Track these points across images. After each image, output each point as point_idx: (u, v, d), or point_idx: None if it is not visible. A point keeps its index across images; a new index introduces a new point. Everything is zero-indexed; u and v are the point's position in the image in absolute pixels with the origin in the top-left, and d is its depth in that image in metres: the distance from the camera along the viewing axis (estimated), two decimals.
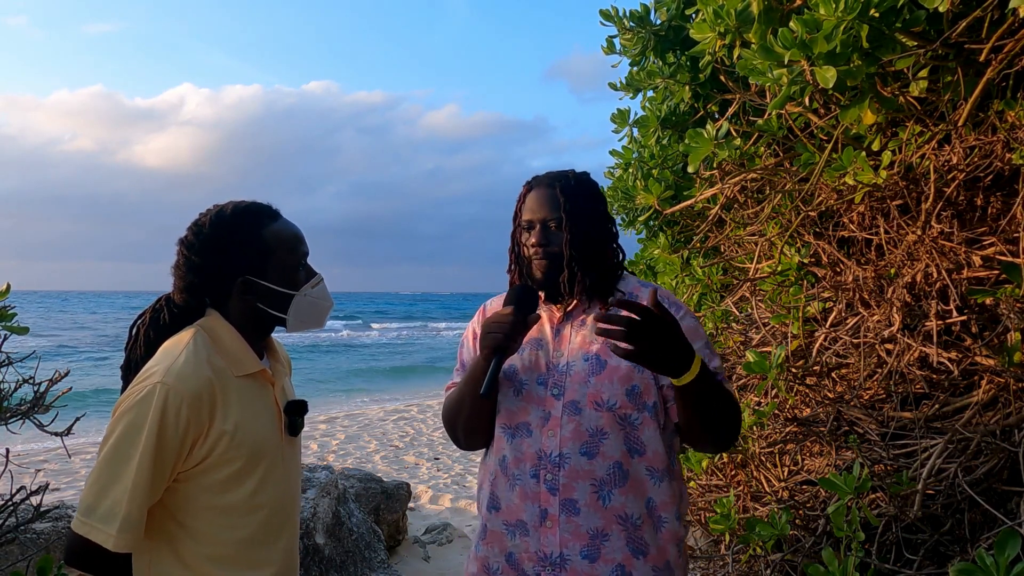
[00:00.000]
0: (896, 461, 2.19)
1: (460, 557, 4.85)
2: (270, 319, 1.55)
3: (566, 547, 1.53)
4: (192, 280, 1.51)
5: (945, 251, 2.31)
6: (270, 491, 1.52)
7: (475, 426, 1.67)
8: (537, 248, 1.61)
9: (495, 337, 1.53)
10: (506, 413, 1.64)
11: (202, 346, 1.46)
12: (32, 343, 2.53)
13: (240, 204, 1.55)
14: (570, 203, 1.61)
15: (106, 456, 1.35)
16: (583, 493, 1.54)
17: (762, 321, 2.96)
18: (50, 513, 2.99)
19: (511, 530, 1.60)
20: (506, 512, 1.61)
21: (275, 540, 1.54)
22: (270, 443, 1.53)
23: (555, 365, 1.61)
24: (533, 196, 1.66)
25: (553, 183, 1.64)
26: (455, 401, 1.69)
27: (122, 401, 1.40)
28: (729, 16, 2.22)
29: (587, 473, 1.54)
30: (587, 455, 1.54)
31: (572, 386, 1.58)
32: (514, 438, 1.61)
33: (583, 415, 1.55)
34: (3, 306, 2.23)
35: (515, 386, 1.63)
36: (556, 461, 1.55)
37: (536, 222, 1.63)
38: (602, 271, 1.64)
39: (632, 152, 3.55)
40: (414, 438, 9.62)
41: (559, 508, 1.54)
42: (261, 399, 1.54)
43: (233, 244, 1.50)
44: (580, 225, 1.60)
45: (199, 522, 1.44)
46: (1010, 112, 2.09)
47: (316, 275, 1.59)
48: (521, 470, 1.59)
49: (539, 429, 1.58)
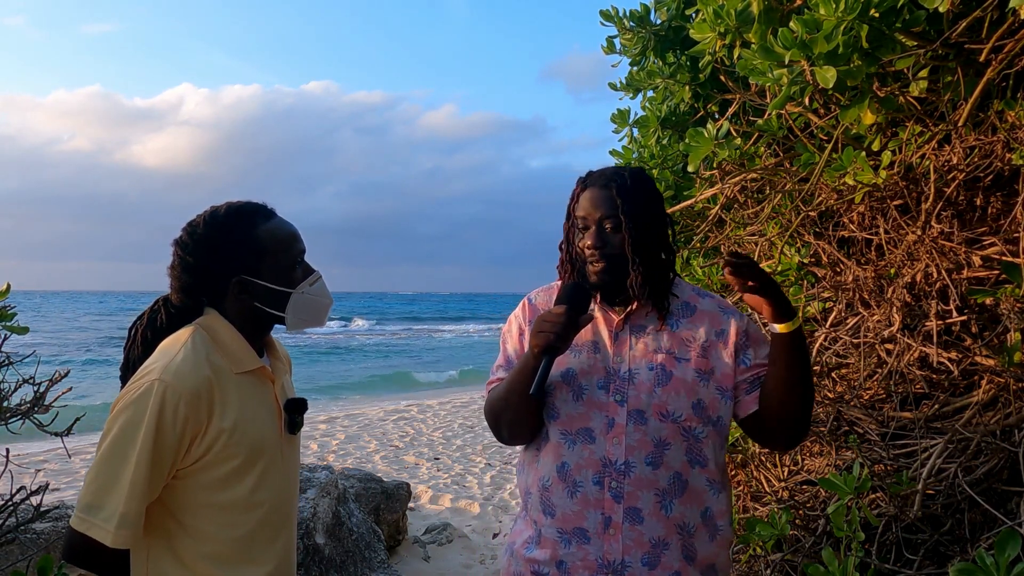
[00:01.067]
0: (896, 461, 2.19)
1: (460, 557, 4.84)
2: (268, 318, 1.55)
3: (628, 554, 1.52)
4: (188, 281, 1.50)
5: (945, 251, 2.31)
6: (269, 489, 1.52)
7: (520, 422, 1.64)
8: (593, 251, 1.58)
9: (546, 336, 1.50)
10: (566, 418, 1.59)
11: (200, 344, 1.46)
12: (30, 342, 2.52)
13: (234, 204, 1.55)
14: (628, 204, 1.57)
15: (104, 453, 1.35)
16: (647, 502, 1.53)
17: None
18: (50, 513, 2.99)
19: (566, 538, 1.57)
20: (561, 519, 1.58)
21: (273, 538, 1.54)
22: (269, 441, 1.53)
23: (616, 371, 1.59)
24: (587, 195, 1.61)
25: (609, 183, 1.59)
26: (501, 397, 1.64)
27: (120, 398, 1.40)
28: (729, 16, 2.22)
29: (651, 483, 1.53)
30: (652, 465, 1.54)
31: (636, 394, 1.56)
32: (575, 444, 1.58)
33: (649, 425, 1.54)
34: (3, 306, 2.23)
35: (574, 390, 1.60)
36: (622, 469, 1.54)
37: (591, 223, 1.59)
38: (658, 274, 1.62)
39: (632, 152, 3.55)
40: (414, 438, 9.62)
41: (623, 516, 1.53)
42: (260, 397, 1.54)
43: (227, 244, 1.50)
44: (640, 227, 1.57)
45: (197, 520, 1.44)
46: (1010, 112, 2.09)
47: (314, 272, 1.58)
48: (583, 476, 1.56)
49: (603, 436, 1.56)
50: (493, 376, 1.76)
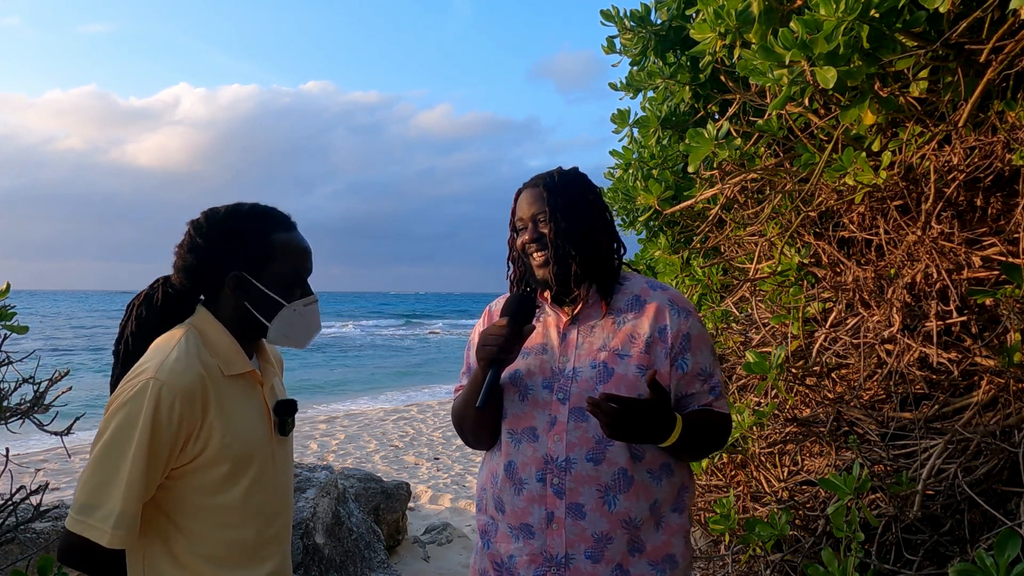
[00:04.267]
0: (896, 461, 2.19)
1: (460, 557, 4.84)
2: (254, 324, 1.53)
3: (571, 548, 1.55)
4: (192, 262, 1.50)
5: (945, 251, 2.31)
6: (262, 491, 1.52)
7: (479, 430, 1.70)
8: (530, 244, 1.63)
9: (489, 350, 1.56)
10: (512, 418, 1.64)
11: (193, 344, 1.46)
12: (30, 342, 2.53)
13: (260, 206, 1.56)
14: (553, 197, 1.63)
15: (100, 453, 1.35)
16: (589, 498, 1.55)
17: (762, 321, 2.96)
18: (50, 512, 2.99)
19: (515, 533, 1.61)
20: (511, 516, 1.62)
21: (268, 540, 1.54)
22: (261, 444, 1.53)
23: (561, 370, 1.62)
24: (522, 198, 1.68)
25: (538, 182, 1.67)
26: (459, 406, 1.72)
27: (115, 398, 1.39)
28: (729, 16, 2.22)
29: (593, 479, 1.55)
30: (593, 461, 1.55)
31: (578, 392, 1.58)
32: (520, 443, 1.62)
33: (590, 421, 1.56)
34: (2, 305, 2.23)
35: (520, 391, 1.64)
36: (563, 465, 1.56)
37: (527, 221, 1.65)
38: (600, 265, 1.65)
39: (632, 152, 3.55)
40: (414, 438, 9.62)
41: (565, 511, 1.55)
42: (251, 399, 1.54)
43: (240, 237, 1.50)
44: (565, 217, 1.61)
45: (192, 522, 1.44)
46: (1010, 113, 2.09)
47: (312, 295, 1.59)
48: (528, 474, 1.59)
49: (545, 434, 1.59)
50: (459, 383, 1.81)
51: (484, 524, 1.71)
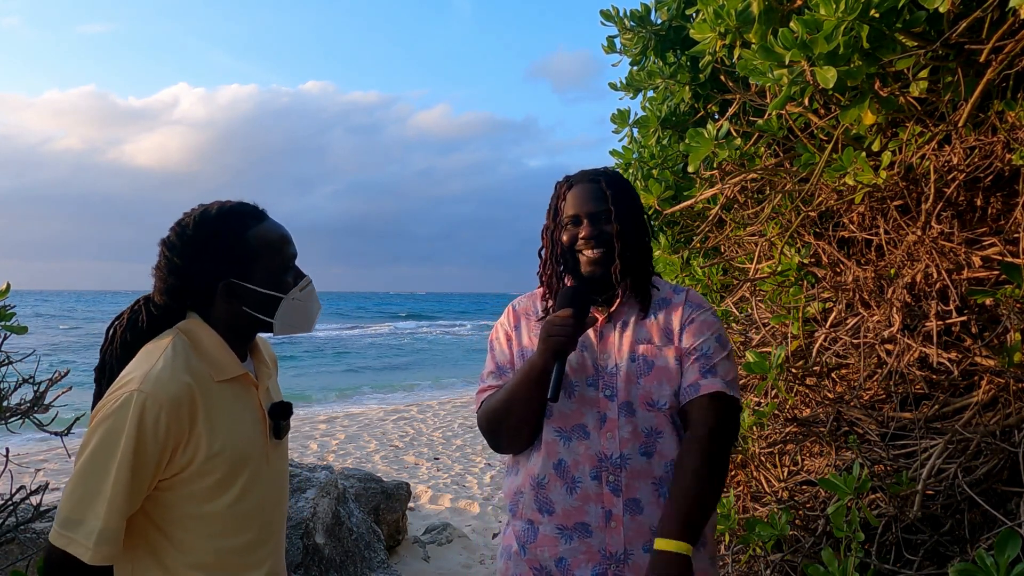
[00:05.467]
0: (896, 461, 2.19)
1: (460, 557, 4.84)
2: (256, 323, 1.49)
3: (630, 544, 1.56)
4: (173, 282, 1.45)
5: (945, 251, 2.31)
6: (255, 497, 1.47)
7: (521, 429, 1.65)
8: (589, 240, 1.63)
9: (559, 340, 1.54)
10: (559, 416, 1.63)
11: (181, 351, 1.40)
12: (30, 342, 2.53)
13: (225, 205, 1.50)
14: (616, 196, 1.64)
15: (83, 466, 1.30)
16: (646, 492, 1.57)
17: (762, 321, 2.96)
18: (50, 512, 2.98)
19: (567, 533, 1.59)
20: (562, 515, 1.60)
21: (260, 546, 1.50)
22: (254, 448, 1.48)
23: (603, 367, 1.63)
24: (576, 192, 1.68)
25: (597, 177, 1.68)
26: (502, 405, 1.65)
27: (99, 409, 1.34)
28: (729, 16, 2.22)
29: (647, 472, 1.57)
30: (646, 455, 1.58)
31: (623, 387, 1.60)
32: (571, 440, 1.61)
33: (638, 416, 1.58)
34: (2, 305, 2.23)
35: (566, 389, 1.63)
36: (617, 463, 1.57)
37: (583, 216, 1.65)
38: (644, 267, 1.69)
39: (632, 152, 3.55)
40: (414, 438, 9.62)
41: (623, 508, 1.56)
42: (244, 403, 1.49)
43: (217, 247, 1.44)
44: (628, 217, 1.65)
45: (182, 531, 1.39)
46: (1010, 113, 2.09)
47: (304, 278, 1.54)
48: (581, 472, 1.59)
49: (596, 431, 1.59)
50: (484, 384, 1.76)
51: (520, 530, 1.66)
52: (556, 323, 1.55)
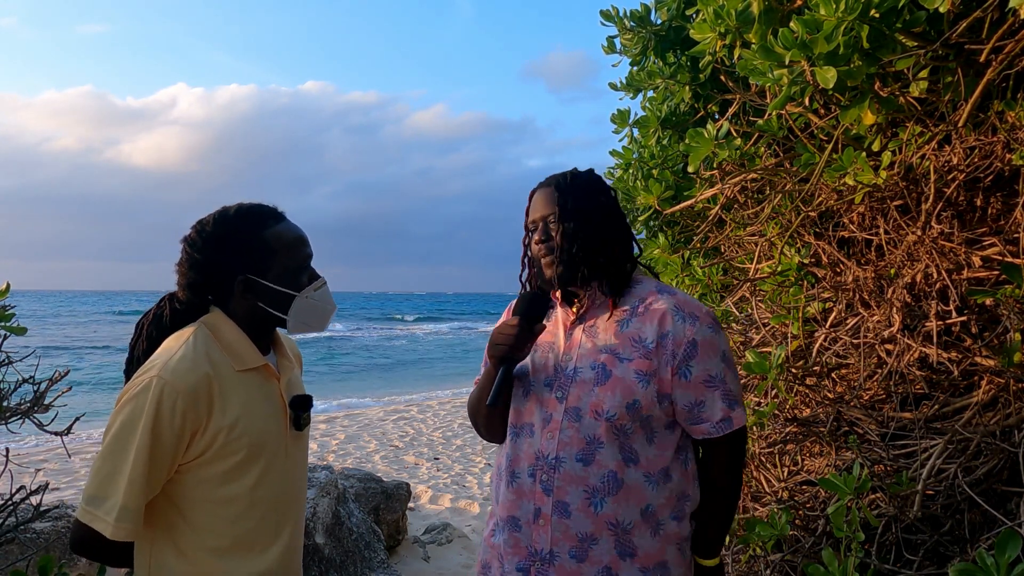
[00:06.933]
0: (896, 461, 2.19)
1: (460, 557, 4.84)
2: (271, 319, 1.57)
3: (556, 545, 1.56)
4: (194, 278, 1.53)
5: (945, 251, 2.31)
6: (271, 485, 1.54)
7: (490, 424, 1.75)
8: (540, 245, 1.64)
9: (500, 348, 1.58)
10: (514, 413, 1.69)
11: (202, 341, 1.48)
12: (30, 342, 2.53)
13: (245, 205, 1.58)
14: (563, 198, 1.63)
15: (107, 447, 1.39)
16: (575, 498, 1.55)
17: (762, 321, 2.96)
18: (50, 512, 2.98)
19: (502, 525, 1.65)
20: (502, 508, 1.65)
21: (276, 533, 1.56)
22: (272, 437, 1.55)
23: (563, 368, 1.62)
24: (535, 198, 1.69)
25: (550, 183, 1.68)
26: (473, 400, 1.77)
27: (123, 393, 1.43)
28: (729, 16, 2.22)
29: (580, 479, 1.55)
30: (582, 462, 1.55)
31: (576, 392, 1.59)
32: (518, 437, 1.65)
33: (583, 422, 1.56)
34: (2, 306, 2.23)
35: (524, 387, 1.67)
36: (552, 463, 1.57)
37: (538, 221, 1.66)
38: (610, 267, 1.63)
39: (632, 152, 3.55)
40: (414, 438, 9.62)
41: (552, 508, 1.57)
42: (265, 394, 1.56)
43: (235, 243, 1.53)
44: (574, 218, 1.61)
45: (198, 513, 1.46)
46: (1010, 113, 2.09)
47: (319, 278, 1.61)
48: (521, 468, 1.62)
49: (540, 430, 1.61)
50: (478, 376, 1.84)
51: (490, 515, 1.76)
52: (502, 331, 1.60)
